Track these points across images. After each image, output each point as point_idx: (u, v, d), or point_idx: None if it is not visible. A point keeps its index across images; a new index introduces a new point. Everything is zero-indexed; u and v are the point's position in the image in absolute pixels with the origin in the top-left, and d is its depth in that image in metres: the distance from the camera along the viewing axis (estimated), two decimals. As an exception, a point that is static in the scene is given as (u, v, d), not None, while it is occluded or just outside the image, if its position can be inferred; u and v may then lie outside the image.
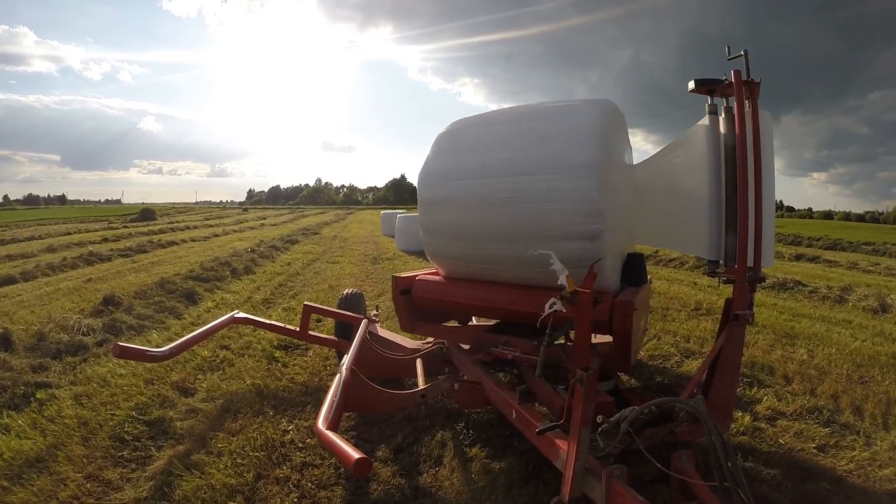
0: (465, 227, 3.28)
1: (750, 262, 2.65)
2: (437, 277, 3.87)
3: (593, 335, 3.23)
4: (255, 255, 11.87)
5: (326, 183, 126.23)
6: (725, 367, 2.65)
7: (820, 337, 5.68)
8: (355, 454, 1.98)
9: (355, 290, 5.00)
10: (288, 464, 2.99)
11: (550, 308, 2.31)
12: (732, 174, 2.71)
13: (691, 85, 2.87)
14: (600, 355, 2.90)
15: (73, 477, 2.81)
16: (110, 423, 3.39)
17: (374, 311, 4.83)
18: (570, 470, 2.08)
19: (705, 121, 2.90)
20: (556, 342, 2.76)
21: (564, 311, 2.31)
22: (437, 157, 3.52)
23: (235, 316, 4.42)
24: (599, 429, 2.13)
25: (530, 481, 2.78)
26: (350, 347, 3.43)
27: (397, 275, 3.93)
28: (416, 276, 3.95)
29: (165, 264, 10.61)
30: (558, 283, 2.32)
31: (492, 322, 3.89)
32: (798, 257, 14.35)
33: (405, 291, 3.83)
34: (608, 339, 3.15)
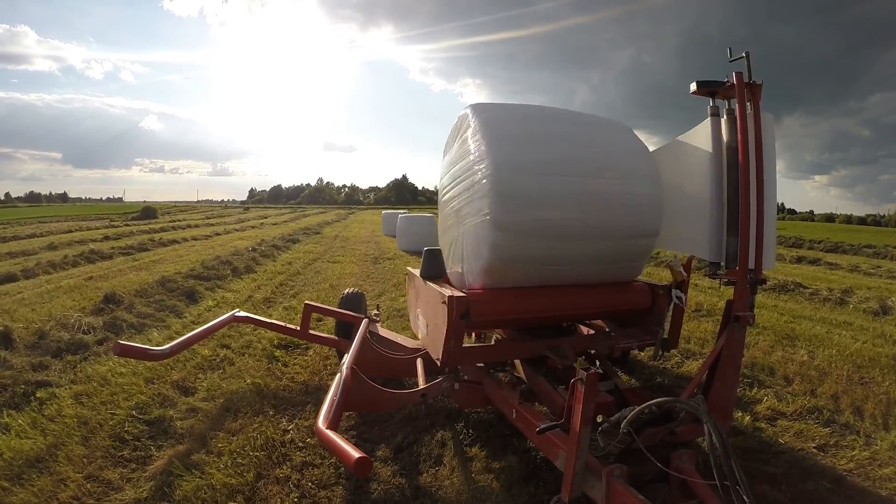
0: (550, 225, 2.92)
1: (751, 264, 2.65)
2: (485, 291, 3.13)
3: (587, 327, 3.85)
4: (256, 254, 11.88)
5: (328, 182, 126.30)
6: (726, 367, 2.65)
7: (820, 338, 5.67)
8: (355, 454, 1.98)
9: (356, 289, 5.01)
10: (288, 463, 2.99)
11: (675, 298, 3.14)
12: (734, 176, 2.71)
13: (693, 87, 2.87)
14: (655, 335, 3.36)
15: (74, 477, 2.81)
16: (110, 423, 3.39)
17: (375, 311, 4.83)
18: (571, 469, 2.08)
19: (707, 123, 2.90)
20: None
21: (684, 298, 3.13)
22: (509, 147, 2.96)
23: (236, 315, 4.43)
24: (599, 428, 2.13)
25: (530, 481, 2.79)
26: (350, 347, 3.43)
27: (451, 294, 2.95)
28: (464, 295, 3.01)
29: (166, 263, 10.61)
30: (680, 277, 3.13)
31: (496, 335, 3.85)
32: (799, 259, 14.35)
33: (465, 315, 2.92)
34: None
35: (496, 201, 2.83)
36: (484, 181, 2.90)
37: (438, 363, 3.10)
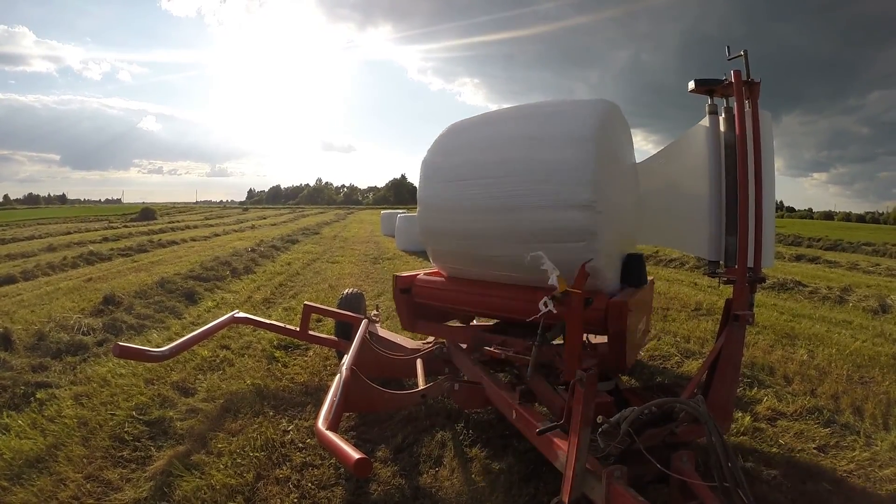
0: (461, 227, 3.28)
1: (750, 263, 2.65)
2: (437, 277, 3.87)
3: (594, 336, 3.30)
4: (255, 255, 11.87)
5: (327, 183, 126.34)
6: (725, 367, 2.65)
7: (820, 337, 5.67)
8: (355, 454, 1.98)
9: (355, 289, 5.00)
10: (288, 464, 2.98)
11: (543, 308, 2.37)
12: (732, 174, 2.71)
13: (691, 85, 2.87)
14: (598, 355, 2.90)
15: (73, 477, 2.81)
16: (110, 423, 3.39)
17: (375, 311, 4.83)
18: (571, 470, 2.08)
19: (705, 121, 2.90)
20: (552, 342, 2.76)
21: (555, 311, 2.35)
22: (434, 158, 3.56)
23: (235, 316, 4.42)
24: (599, 429, 2.13)
25: (530, 482, 2.78)
26: (350, 347, 3.42)
27: (398, 274, 3.98)
28: (417, 275, 3.98)
29: (165, 264, 10.61)
30: (549, 283, 2.36)
31: (492, 322, 3.89)
32: (798, 258, 14.35)
33: (405, 290, 3.87)
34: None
35: (419, 205, 3.60)
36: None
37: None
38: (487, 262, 3.26)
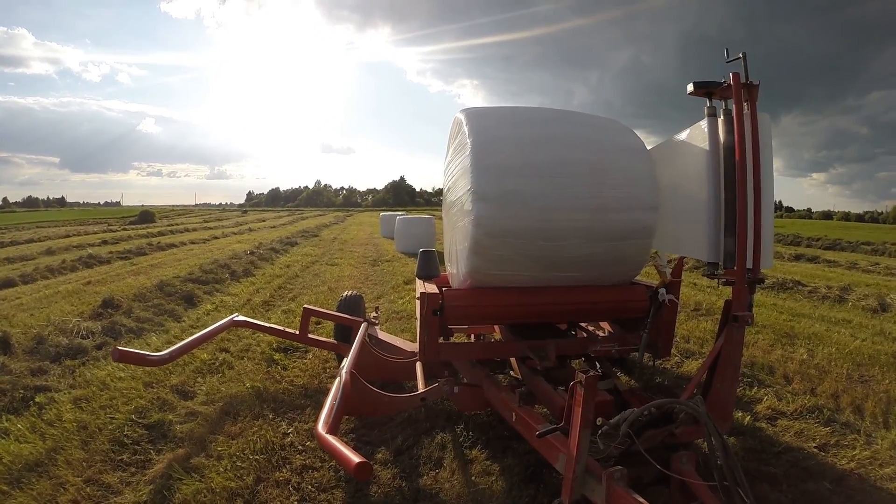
0: (536, 227, 2.94)
1: (749, 264, 2.65)
2: (469, 290, 3.22)
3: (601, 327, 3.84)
4: (254, 258, 11.87)
5: (326, 185, 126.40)
6: (725, 367, 2.65)
7: (820, 336, 5.68)
8: (355, 458, 1.98)
9: (355, 292, 5.00)
10: (288, 467, 2.98)
11: (661, 298, 3.07)
12: (731, 176, 2.71)
13: (690, 87, 2.87)
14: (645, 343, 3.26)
15: (73, 481, 2.80)
16: (110, 427, 3.39)
17: (374, 314, 4.82)
18: (571, 472, 2.08)
19: (703, 123, 2.90)
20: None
21: (669, 303, 3.06)
22: (495, 152, 2.99)
23: (234, 319, 4.42)
24: (599, 431, 2.13)
25: (530, 483, 2.78)
26: (350, 350, 3.42)
27: (423, 291, 3.25)
28: (445, 290, 3.28)
29: (164, 267, 10.60)
30: (665, 278, 3.12)
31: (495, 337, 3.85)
32: (797, 257, 14.36)
33: (437, 311, 3.08)
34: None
35: (477, 204, 2.87)
36: (469, 185, 2.93)
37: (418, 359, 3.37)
38: (565, 264, 3.06)
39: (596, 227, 2.98)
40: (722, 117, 2.82)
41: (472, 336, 4.59)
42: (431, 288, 3.48)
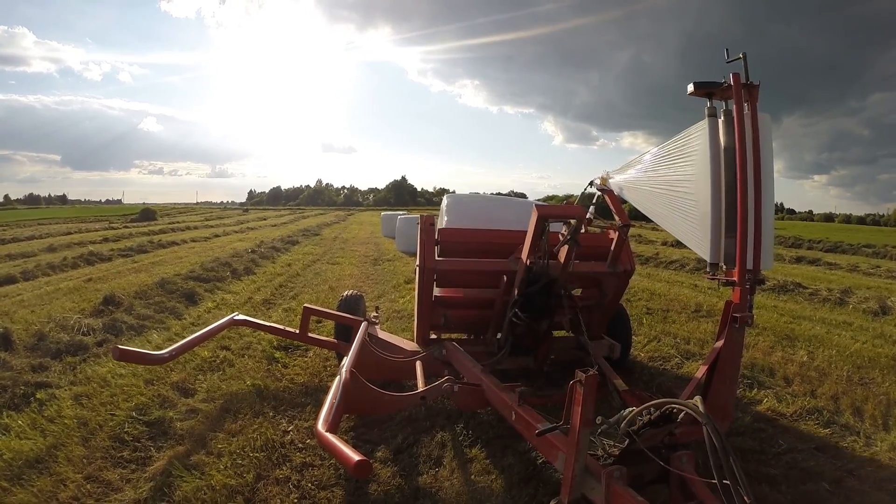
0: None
1: (750, 265, 2.65)
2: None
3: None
4: (255, 256, 11.88)
5: (327, 184, 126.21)
6: (725, 368, 2.66)
7: (820, 339, 5.68)
8: (355, 456, 1.98)
9: (355, 291, 5.01)
10: (288, 464, 2.99)
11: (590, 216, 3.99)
12: (731, 177, 2.71)
13: (690, 88, 2.87)
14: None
15: (73, 478, 2.81)
16: (110, 424, 3.39)
17: (374, 313, 4.83)
18: (570, 471, 2.09)
19: (703, 123, 2.90)
20: None
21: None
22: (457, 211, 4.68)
23: (235, 318, 4.43)
24: (599, 430, 2.14)
25: (530, 482, 2.79)
26: (350, 349, 3.43)
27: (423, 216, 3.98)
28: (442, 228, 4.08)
29: (166, 264, 10.61)
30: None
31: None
32: (798, 260, 14.35)
33: (437, 243, 3.78)
34: None
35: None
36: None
37: (417, 267, 3.84)
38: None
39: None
40: (722, 118, 2.82)
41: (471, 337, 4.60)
42: None
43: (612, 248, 3.87)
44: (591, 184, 3.95)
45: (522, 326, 3.47)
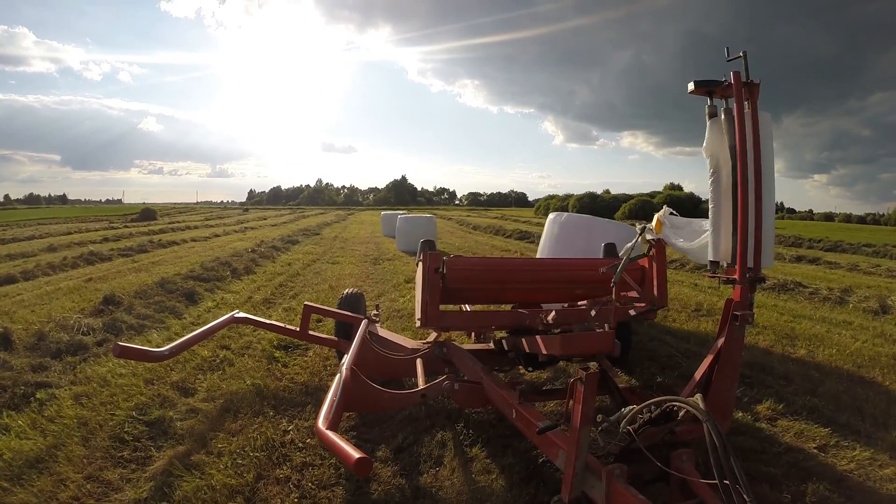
0: None
1: (750, 263, 2.65)
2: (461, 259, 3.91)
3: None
4: (255, 256, 11.88)
5: (327, 184, 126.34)
6: (725, 366, 2.66)
7: (820, 338, 5.67)
8: (356, 454, 1.98)
9: (355, 290, 5.00)
10: (288, 464, 2.99)
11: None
12: (733, 175, 2.71)
13: (690, 86, 2.87)
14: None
15: (73, 477, 2.81)
16: (110, 424, 3.39)
17: (375, 311, 4.83)
18: (571, 469, 2.09)
19: (709, 123, 2.90)
20: None
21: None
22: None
23: (235, 316, 4.42)
24: (599, 428, 2.14)
25: (531, 481, 2.79)
26: (350, 347, 3.43)
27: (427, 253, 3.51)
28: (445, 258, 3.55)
29: (166, 264, 10.61)
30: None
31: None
32: (799, 259, 14.34)
33: (438, 270, 3.39)
34: None
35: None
36: None
37: (419, 322, 3.48)
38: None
39: None
40: (723, 117, 2.82)
41: (472, 336, 4.60)
42: None
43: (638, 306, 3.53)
44: (643, 230, 3.39)
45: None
